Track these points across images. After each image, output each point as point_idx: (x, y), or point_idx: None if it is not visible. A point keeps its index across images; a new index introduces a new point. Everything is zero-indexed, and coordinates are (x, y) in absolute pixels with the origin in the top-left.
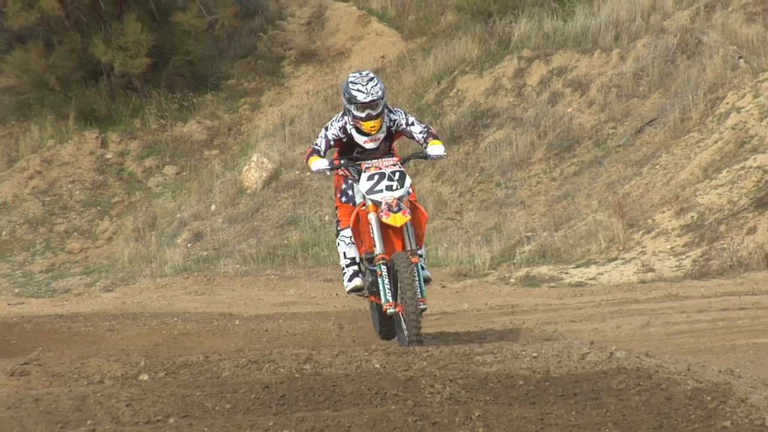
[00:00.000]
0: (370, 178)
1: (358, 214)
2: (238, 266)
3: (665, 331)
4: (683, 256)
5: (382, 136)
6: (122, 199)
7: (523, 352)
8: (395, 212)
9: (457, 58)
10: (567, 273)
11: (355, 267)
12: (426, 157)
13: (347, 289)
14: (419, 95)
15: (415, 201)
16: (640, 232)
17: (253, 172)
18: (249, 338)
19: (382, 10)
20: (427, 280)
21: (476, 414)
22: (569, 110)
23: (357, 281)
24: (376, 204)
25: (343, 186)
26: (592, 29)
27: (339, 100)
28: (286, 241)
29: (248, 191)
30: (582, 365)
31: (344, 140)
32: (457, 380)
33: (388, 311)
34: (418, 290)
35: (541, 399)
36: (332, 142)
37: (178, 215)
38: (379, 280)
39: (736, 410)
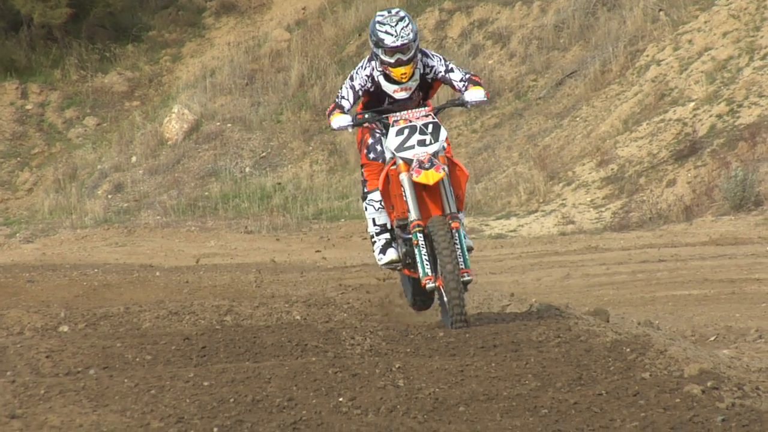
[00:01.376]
0: (399, 132)
1: (387, 174)
2: (158, 218)
3: (585, 283)
4: (603, 209)
5: (414, 84)
6: (42, 150)
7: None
8: (427, 169)
9: (377, 10)
10: (487, 225)
11: (387, 236)
12: (463, 104)
13: (381, 263)
14: (340, 47)
15: (452, 157)
16: (561, 185)
17: (174, 124)
18: (170, 289)
19: None
20: (469, 249)
21: (396, 365)
22: (490, 62)
23: (392, 253)
24: (408, 162)
25: (370, 140)
26: None
27: (262, 51)
28: (206, 193)
29: (169, 143)
30: (502, 317)
31: (371, 90)
32: (378, 332)
33: (428, 286)
34: (461, 260)
35: (462, 351)
36: (361, 93)
37: (99, 167)
38: (415, 250)
39: (655, 362)
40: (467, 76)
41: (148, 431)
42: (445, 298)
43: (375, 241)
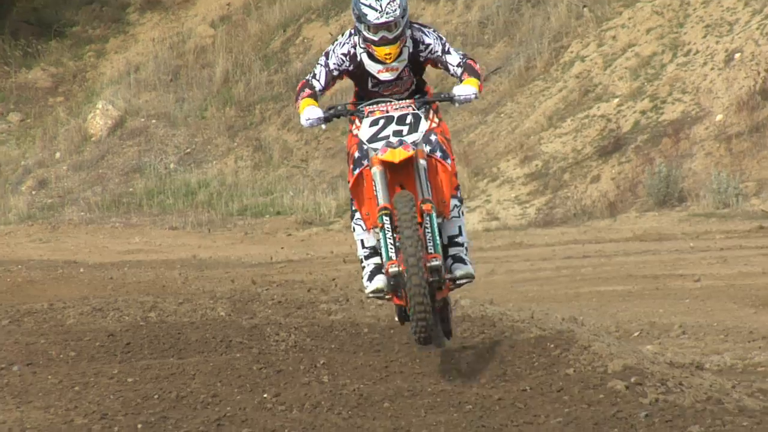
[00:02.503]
0: (374, 123)
1: (361, 174)
2: (83, 214)
3: (510, 279)
4: (528, 205)
5: (401, 64)
6: None
7: (369, 301)
8: (395, 147)
9: (302, 6)
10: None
11: (377, 260)
12: (451, 99)
13: (367, 291)
14: (265, 43)
15: (455, 175)
16: (485, 181)
17: (99, 120)
18: (94, 286)
19: None
20: (468, 277)
21: (321, 362)
22: None
23: (380, 281)
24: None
25: (356, 154)
26: None
27: (187, 47)
28: (131, 189)
29: (93, 139)
30: None
31: (352, 70)
32: (302, 328)
33: (390, 270)
34: (429, 244)
35: (386, 347)
36: (336, 73)
37: (23, 162)
38: (380, 234)
39: (579, 358)
40: (465, 60)
41: (71, 428)
42: (406, 283)
43: (364, 266)
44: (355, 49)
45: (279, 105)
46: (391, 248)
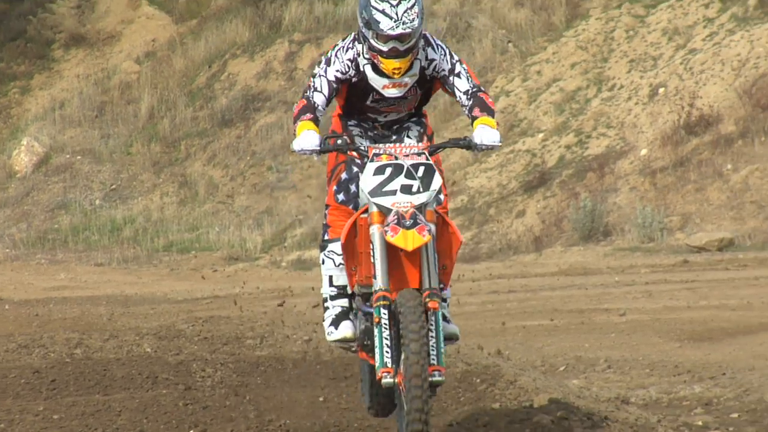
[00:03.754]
0: (379, 171)
1: (355, 223)
2: (8, 251)
3: None
4: None
5: (410, 80)
6: None
7: (295, 336)
8: (408, 228)
9: (228, 42)
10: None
11: (345, 303)
12: (470, 146)
13: (330, 338)
14: (190, 79)
15: (446, 213)
16: None
17: (23, 156)
18: (19, 323)
19: None
20: (452, 338)
21: (247, 398)
22: None
23: (346, 328)
24: (383, 212)
25: (344, 175)
26: None
27: (112, 83)
28: (56, 226)
29: (18, 175)
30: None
31: (353, 79)
32: (229, 364)
33: (384, 380)
34: (433, 353)
35: (313, 382)
36: (336, 85)
37: None
38: (375, 329)
39: (505, 392)
40: (474, 90)
41: None
42: (404, 403)
43: (327, 308)
44: (359, 58)
45: (204, 141)
46: (387, 351)
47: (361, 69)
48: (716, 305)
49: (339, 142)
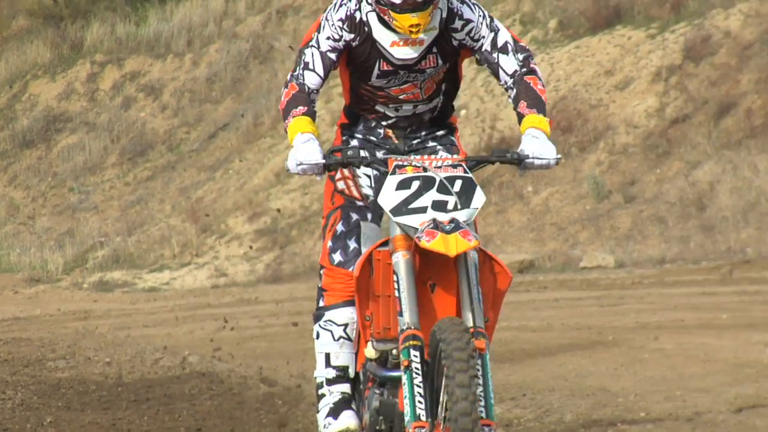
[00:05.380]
0: (403, 185)
1: (370, 257)
2: None
3: (238, 335)
4: (256, 261)
5: (429, 37)
6: None
7: (96, 358)
8: (448, 232)
9: (29, 62)
10: (140, 278)
11: (345, 388)
12: (520, 162)
13: (328, 431)
14: None
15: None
16: (214, 237)
17: None
18: None
19: None
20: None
21: (48, 420)
22: (143, 115)
23: (348, 419)
24: (408, 232)
25: (339, 227)
26: (165, 34)
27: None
28: None
29: None
30: (155, 370)
31: (356, 45)
32: (29, 386)
33: None
34: (480, 403)
35: (114, 404)
36: (333, 54)
37: None
38: (404, 377)
39: (307, 414)
40: (523, 69)
41: None
42: None
43: (323, 394)
44: (358, 7)
45: (5, 162)
46: (419, 403)
47: (365, 25)
48: (517, 326)
49: (350, 153)
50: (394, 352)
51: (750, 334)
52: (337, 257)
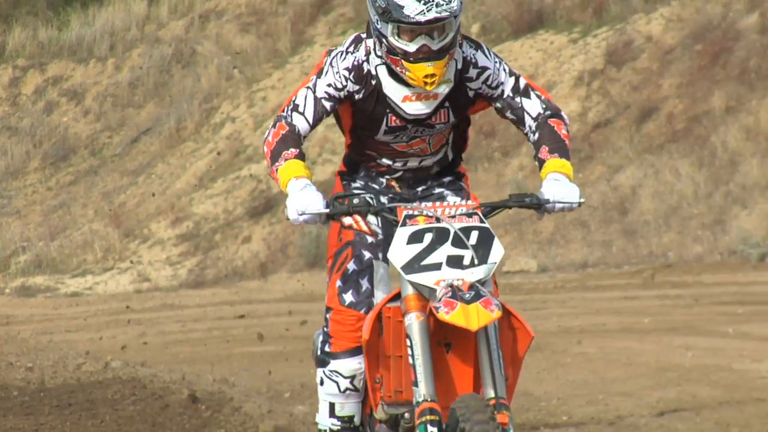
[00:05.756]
0: (415, 237)
1: (379, 315)
2: None
3: (161, 340)
4: (179, 266)
5: (444, 89)
6: None
7: (18, 363)
8: (468, 302)
9: None
10: (63, 283)
11: None
12: (540, 206)
13: None
14: None
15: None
16: (137, 242)
17: None
18: None
19: None
20: None
21: None
22: (65, 119)
23: None
24: (422, 291)
25: (350, 265)
26: (88, 38)
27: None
28: None
29: None
30: (77, 375)
31: (360, 99)
32: None
33: None
34: None
35: (37, 410)
36: (329, 104)
37: None
38: None
39: (230, 418)
40: (547, 112)
41: None
42: None
43: None
44: (367, 59)
45: None
46: None
47: (373, 78)
48: None
49: (355, 201)
50: (407, 415)
51: (672, 337)
52: (348, 297)
